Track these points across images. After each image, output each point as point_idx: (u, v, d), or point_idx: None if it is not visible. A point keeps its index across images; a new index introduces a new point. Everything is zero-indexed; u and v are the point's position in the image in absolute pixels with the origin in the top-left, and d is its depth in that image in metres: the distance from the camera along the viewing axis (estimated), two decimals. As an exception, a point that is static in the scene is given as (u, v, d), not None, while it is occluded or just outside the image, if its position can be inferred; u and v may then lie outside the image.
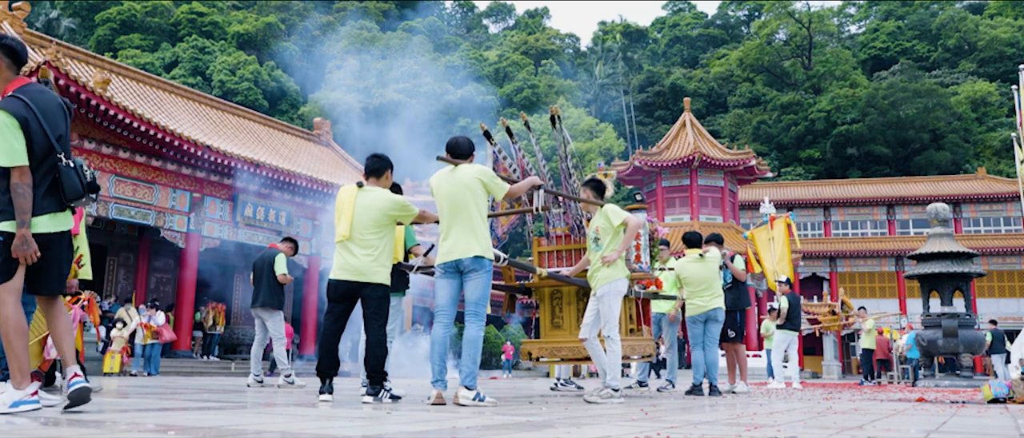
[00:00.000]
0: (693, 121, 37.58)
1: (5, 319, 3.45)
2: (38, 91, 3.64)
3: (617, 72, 66.77)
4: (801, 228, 44.39)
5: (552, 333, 7.53)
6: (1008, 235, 41.38)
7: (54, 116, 3.63)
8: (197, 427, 2.99)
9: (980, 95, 57.35)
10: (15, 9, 19.55)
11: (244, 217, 21.62)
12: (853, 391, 10.09)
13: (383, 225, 5.21)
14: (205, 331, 21.99)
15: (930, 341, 14.89)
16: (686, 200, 35.20)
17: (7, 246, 3.44)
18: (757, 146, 51.86)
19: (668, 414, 4.32)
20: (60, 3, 58.25)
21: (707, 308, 7.69)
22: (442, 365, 5.00)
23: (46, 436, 2.59)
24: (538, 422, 3.54)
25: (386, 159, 5.47)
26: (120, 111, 17.40)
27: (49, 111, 3.61)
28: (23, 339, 3.54)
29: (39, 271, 3.56)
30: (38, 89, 3.66)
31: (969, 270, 15.09)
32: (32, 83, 3.69)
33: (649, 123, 62.19)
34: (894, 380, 18.48)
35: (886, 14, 71.18)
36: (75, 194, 3.57)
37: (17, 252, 3.39)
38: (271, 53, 59.46)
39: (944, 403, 6.47)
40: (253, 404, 4.85)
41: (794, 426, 3.54)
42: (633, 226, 5.83)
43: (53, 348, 5.42)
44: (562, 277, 6.91)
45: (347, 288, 5.17)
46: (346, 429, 2.99)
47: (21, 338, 3.51)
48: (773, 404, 5.86)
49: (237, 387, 8.62)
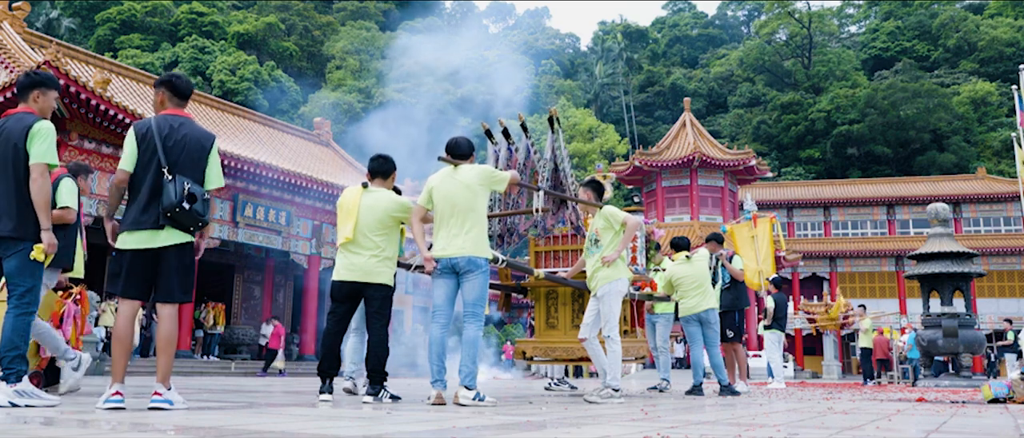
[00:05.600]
0: (693, 121, 37.56)
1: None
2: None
3: (617, 72, 66.76)
4: (801, 228, 44.36)
5: (547, 333, 7.53)
6: (1008, 235, 41.35)
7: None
8: (197, 427, 2.99)
9: (980, 95, 57.33)
10: (15, 9, 19.56)
11: (244, 217, 21.61)
12: (853, 391, 10.09)
13: (387, 226, 5.21)
14: (205, 330, 21.99)
15: (930, 341, 14.88)
16: (686, 200, 35.18)
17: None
18: (757, 146, 51.84)
19: (668, 414, 4.32)
20: (60, 3, 58.26)
21: (698, 310, 7.69)
22: (441, 365, 4.99)
23: (46, 436, 2.59)
24: (538, 422, 3.54)
25: (391, 160, 5.47)
26: (120, 111, 17.40)
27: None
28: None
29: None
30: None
31: (969, 270, 15.08)
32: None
33: (649, 123, 62.20)
34: (894, 380, 18.47)
35: (886, 14, 71.15)
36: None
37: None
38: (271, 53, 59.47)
39: (944, 403, 6.47)
40: (253, 404, 4.85)
41: (794, 426, 3.54)
42: (632, 226, 5.84)
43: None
44: (559, 279, 6.91)
45: (351, 288, 5.17)
46: (346, 429, 2.99)
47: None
48: (773, 404, 5.86)
49: (238, 387, 8.62)
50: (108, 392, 3.81)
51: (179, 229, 3.97)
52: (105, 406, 3.74)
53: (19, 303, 4.05)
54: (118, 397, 3.79)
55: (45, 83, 4.31)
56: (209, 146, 4.12)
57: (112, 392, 3.80)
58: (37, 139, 4.05)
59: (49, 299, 5.48)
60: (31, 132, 4.07)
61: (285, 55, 60.48)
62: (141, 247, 3.95)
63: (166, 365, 3.97)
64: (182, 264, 4.01)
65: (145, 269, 3.98)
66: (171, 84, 4.20)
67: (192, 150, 4.04)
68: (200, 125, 4.21)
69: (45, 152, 4.05)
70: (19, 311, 4.05)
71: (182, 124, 4.09)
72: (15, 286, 4.06)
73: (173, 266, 3.98)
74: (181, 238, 3.99)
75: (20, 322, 4.05)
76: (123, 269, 3.99)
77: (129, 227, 3.98)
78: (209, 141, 4.14)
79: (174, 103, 4.18)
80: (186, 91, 4.23)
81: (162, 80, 4.23)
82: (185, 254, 4.03)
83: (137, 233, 3.95)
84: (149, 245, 3.95)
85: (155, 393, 3.87)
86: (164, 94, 4.18)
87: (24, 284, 4.06)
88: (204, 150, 4.10)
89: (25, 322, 4.08)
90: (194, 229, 4.03)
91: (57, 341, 5.05)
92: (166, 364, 3.98)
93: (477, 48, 58.66)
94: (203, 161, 4.09)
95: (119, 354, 3.97)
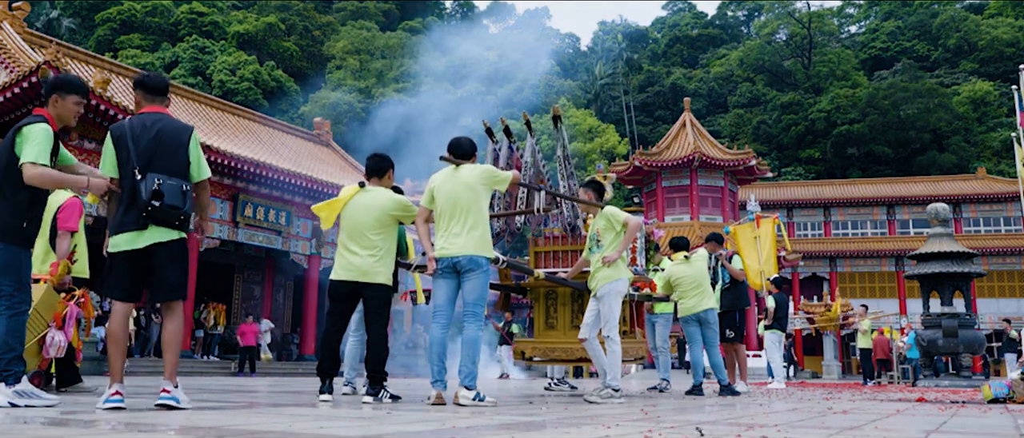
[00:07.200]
0: (693, 121, 37.55)
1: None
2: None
3: (617, 72, 66.74)
4: (801, 228, 44.35)
5: (546, 333, 7.52)
6: (1008, 235, 41.34)
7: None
8: (197, 427, 2.99)
9: (980, 95, 57.31)
10: (15, 9, 19.55)
11: (244, 217, 21.60)
12: (853, 391, 10.09)
13: (385, 225, 5.20)
14: (206, 331, 21.99)
15: (930, 341, 14.89)
16: (686, 200, 35.17)
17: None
18: (757, 146, 51.79)
19: (668, 414, 4.32)
20: (60, 3, 58.25)
21: (698, 310, 7.69)
22: (441, 365, 4.99)
23: (46, 436, 2.59)
24: (538, 422, 3.54)
25: (387, 159, 5.47)
26: (120, 111, 17.39)
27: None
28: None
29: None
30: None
31: (969, 270, 15.09)
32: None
33: (649, 123, 62.15)
34: (894, 380, 18.46)
35: (886, 14, 71.12)
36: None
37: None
38: (271, 53, 59.44)
39: (944, 403, 6.47)
40: (253, 404, 4.85)
41: (794, 426, 3.54)
42: (633, 227, 5.84)
43: (52, 347, 5.41)
44: (559, 279, 6.91)
45: (349, 288, 5.17)
46: (346, 429, 2.99)
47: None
48: (773, 404, 5.85)
49: (238, 387, 8.62)
50: (108, 392, 3.82)
51: (163, 226, 3.94)
52: (105, 406, 3.76)
53: (10, 304, 4.05)
54: (118, 397, 3.80)
55: (63, 87, 4.22)
56: (186, 138, 4.07)
57: (112, 392, 3.81)
58: (26, 141, 3.99)
59: (52, 299, 5.46)
60: (21, 134, 4.02)
61: (285, 55, 60.46)
62: (127, 248, 3.94)
63: (172, 363, 4.00)
64: (172, 261, 3.98)
65: (133, 270, 3.98)
66: (143, 84, 4.19)
67: (168, 145, 4.00)
68: (177, 118, 4.18)
69: (30, 153, 3.95)
70: (11, 312, 4.05)
71: (156, 121, 4.05)
72: (2, 287, 4.05)
73: (163, 264, 3.96)
74: (167, 235, 3.96)
75: (14, 323, 4.05)
76: (111, 271, 4.01)
77: (114, 230, 3.99)
78: (186, 133, 4.09)
79: (150, 101, 4.15)
80: (158, 87, 4.20)
81: (136, 81, 4.24)
82: (174, 251, 3.99)
83: (122, 235, 3.95)
84: (134, 246, 3.93)
85: (163, 390, 3.91)
86: (139, 95, 4.18)
87: (10, 284, 4.06)
88: (181, 143, 4.05)
89: (19, 322, 4.08)
90: (179, 224, 3.98)
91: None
92: (172, 362, 4.00)
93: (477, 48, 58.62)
94: (181, 154, 4.04)
95: (115, 354, 3.99)
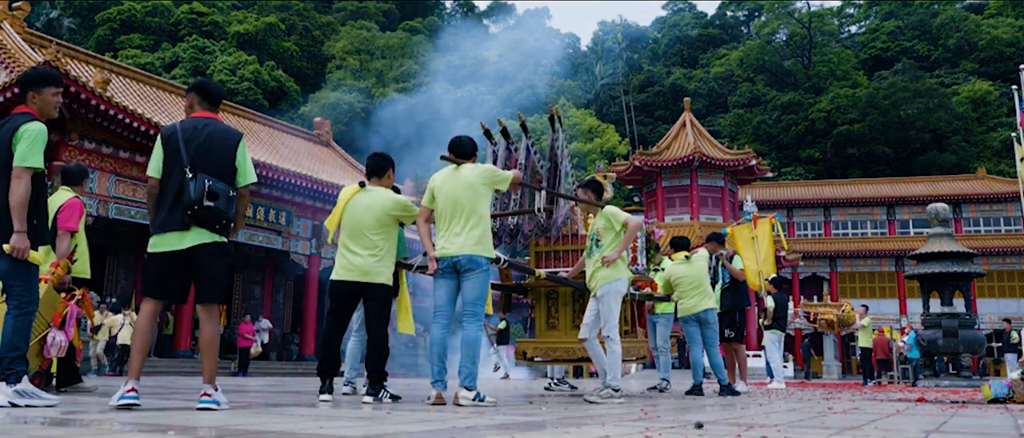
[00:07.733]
0: (693, 121, 37.54)
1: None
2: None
3: (617, 72, 66.72)
4: (801, 228, 44.34)
5: (547, 333, 7.52)
6: (1008, 235, 41.33)
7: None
8: (197, 427, 2.99)
9: (980, 95, 57.30)
10: (15, 9, 19.56)
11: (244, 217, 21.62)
12: (853, 391, 10.09)
13: (386, 225, 5.20)
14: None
15: (930, 341, 14.89)
16: (686, 200, 35.16)
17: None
18: (757, 146, 51.77)
19: (668, 414, 4.32)
20: (60, 3, 58.24)
21: (697, 310, 7.68)
22: (441, 365, 4.99)
23: (46, 436, 2.59)
24: (538, 422, 3.54)
25: (388, 158, 5.47)
26: (120, 111, 17.40)
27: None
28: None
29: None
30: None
31: (969, 270, 15.09)
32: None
33: (649, 123, 62.13)
34: (894, 380, 18.45)
35: (886, 14, 71.10)
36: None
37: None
38: (271, 53, 59.42)
39: (944, 403, 6.47)
40: (253, 404, 4.85)
41: (794, 426, 3.54)
42: (633, 226, 5.84)
43: (53, 347, 5.41)
44: (560, 279, 6.91)
45: (350, 288, 5.17)
46: (346, 429, 2.99)
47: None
48: (773, 404, 5.85)
49: (238, 387, 8.62)
50: (123, 388, 3.82)
51: (206, 229, 3.97)
52: (118, 403, 3.76)
53: (18, 304, 4.06)
54: (133, 394, 3.80)
55: (35, 82, 4.24)
56: (235, 143, 4.13)
57: (127, 388, 3.81)
58: (21, 141, 4.01)
59: (52, 299, 5.47)
60: (17, 134, 4.03)
61: (285, 55, 60.44)
62: (169, 249, 3.97)
63: (211, 366, 4.02)
64: (214, 264, 4.02)
65: (174, 271, 4.01)
66: (203, 88, 4.26)
67: (217, 149, 4.05)
68: (226, 124, 4.22)
69: (25, 154, 3.98)
70: (18, 312, 4.06)
71: (207, 124, 4.11)
72: (11, 287, 4.07)
73: (205, 266, 3.99)
74: (209, 238, 4.00)
75: (20, 323, 4.06)
76: (151, 271, 4.05)
77: (157, 230, 4.01)
78: (235, 138, 4.15)
79: (203, 107, 4.21)
80: (217, 96, 4.28)
81: (194, 84, 4.29)
82: (216, 254, 4.04)
83: (165, 235, 3.98)
84: (177, 247, 3.96)
85: (203, 394, 3.92)
86: (193, 98, 4.22)
87: (19, 285, 4.07)
88: (229, 148, 4.10)
89: (25, 322, 4.09)
90: (221, 228, 4.02)
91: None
92: (210, 365, 4.02)
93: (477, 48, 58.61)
94: (229, 159, 4.09)
95: (136, 351, 4.00)
